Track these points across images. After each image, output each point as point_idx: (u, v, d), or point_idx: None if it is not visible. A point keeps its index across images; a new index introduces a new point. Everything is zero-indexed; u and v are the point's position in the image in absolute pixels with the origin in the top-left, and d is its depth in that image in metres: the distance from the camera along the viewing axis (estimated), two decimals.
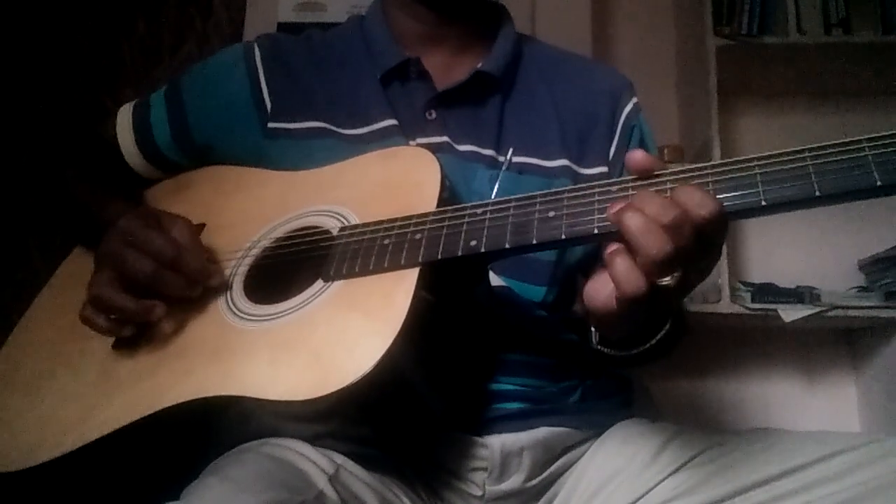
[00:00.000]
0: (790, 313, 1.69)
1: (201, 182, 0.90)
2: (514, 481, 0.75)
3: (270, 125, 0.87)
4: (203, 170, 0.91)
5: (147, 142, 0.92)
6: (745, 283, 1.79)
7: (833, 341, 1.95)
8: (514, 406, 0.77)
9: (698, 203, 0.52)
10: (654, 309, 0.55)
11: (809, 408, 1.92)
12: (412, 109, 0.87)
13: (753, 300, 1.72)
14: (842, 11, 1.87)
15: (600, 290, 0.56)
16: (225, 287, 0.74)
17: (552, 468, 0.78)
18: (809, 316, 1.69)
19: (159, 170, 0.93)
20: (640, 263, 0.52)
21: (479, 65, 0.88)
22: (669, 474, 0.72)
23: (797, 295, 1.74)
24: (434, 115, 0.86)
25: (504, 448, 0.75)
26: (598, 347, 0.68)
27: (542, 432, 0.76)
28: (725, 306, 1.71)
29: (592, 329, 0.69)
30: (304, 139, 0.86)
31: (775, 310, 1.70)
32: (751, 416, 1.91)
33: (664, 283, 0.52)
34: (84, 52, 2.08)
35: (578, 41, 1.77)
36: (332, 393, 0.58)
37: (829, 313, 1.71)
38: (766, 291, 1.75)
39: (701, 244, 0.52)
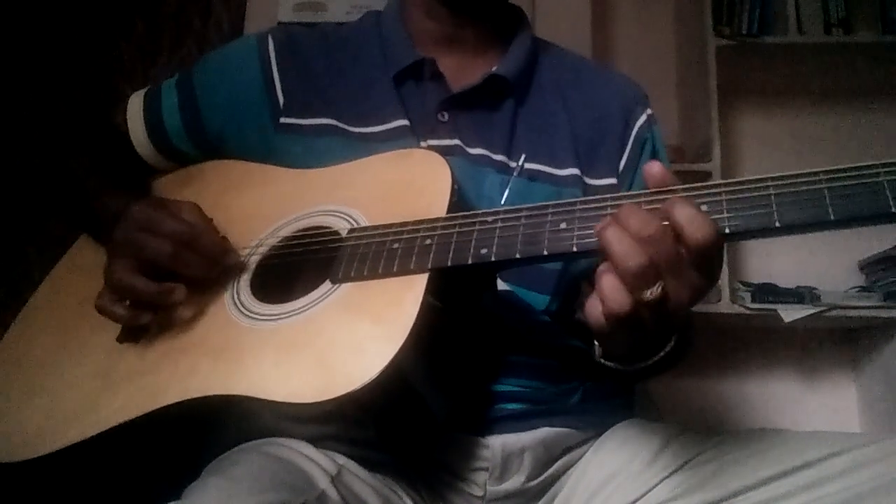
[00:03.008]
0: (790, 313, 1.70)
1: (209, 176, 0.89)
2: (514, 481, 0.75)
3: (283, 120, 0.86)
4: (211, 163, 0.90)
5: (158, 130, 0.91)
6: (745, 283, 1.79)
7: (833, 341, 1.96)
8: (515, 407, 0.77)
9: (690, 221, 0.52)
10: (651, 326, 0.55)
11: (809, 408, 1.92)
12: (424, 110, 0.86)
13: (753, 300, 1.73)
14: (842, 11, 1.88)
15: (596, 306, 0.56)
16: (239, 269, 0.74)
17: (553, 468, 0.78)
18: (809, 316, 1.70)
19: (169, 160, 0.93)
20: (620, 276, 0.52)
21: (494, 68, 0.87)
22: (669, 474, 0.72)
23: (797, 295, 1.74)
24: (446, 117, 0.85)
25: (505, 448, 0.75)
26: (602, 361, 0.68)
27: (542, 432, 0.76)
28: (725, 306, 1.71)
29: (595, 343, 0.68)
30: (313, 136, 0.85)
31: (775, 310, 1.71)
32: (751, 416, 1.91)
33: (647, 297, 0.52)
34: (83, 53, 2.08)
35: (578, 41, 1.77)
36: (338, 397, 0.57)
37: (829, 313, 1.71)
38: (766, 291, 1.75)
39: (693, 263, 0.53)
